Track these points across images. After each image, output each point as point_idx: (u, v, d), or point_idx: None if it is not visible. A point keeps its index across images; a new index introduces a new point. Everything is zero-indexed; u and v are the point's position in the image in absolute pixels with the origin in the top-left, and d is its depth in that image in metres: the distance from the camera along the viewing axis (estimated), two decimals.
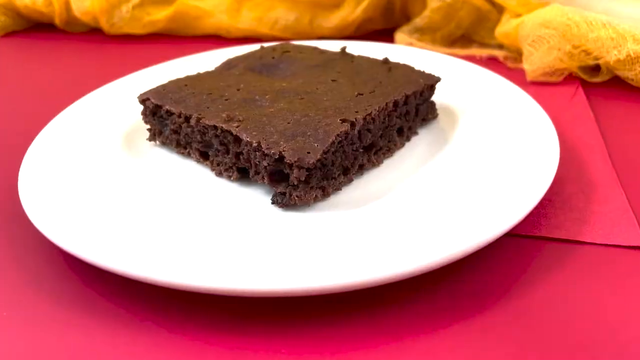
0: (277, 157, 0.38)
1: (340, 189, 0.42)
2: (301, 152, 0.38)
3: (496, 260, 0.36)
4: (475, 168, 0.42)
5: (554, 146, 0.42)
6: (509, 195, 0.37)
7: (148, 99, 0.48)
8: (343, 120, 0.40)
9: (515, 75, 0.64)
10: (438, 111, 0.51)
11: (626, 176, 0.45)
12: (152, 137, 0.49)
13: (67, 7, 0.84)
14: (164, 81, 0.50)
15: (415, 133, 0.49)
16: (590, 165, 0.46)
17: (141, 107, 0.49)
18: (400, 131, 0.48)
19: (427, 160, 0.45)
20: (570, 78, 0.62)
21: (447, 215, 0.36)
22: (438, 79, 0.50)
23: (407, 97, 0.46)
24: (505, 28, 0.67)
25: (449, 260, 0.32)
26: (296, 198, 0.39)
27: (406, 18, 0.79)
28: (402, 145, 0.48)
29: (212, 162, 0.45)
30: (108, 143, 0.49)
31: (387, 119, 0.45)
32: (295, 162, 0.37)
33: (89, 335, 0.32)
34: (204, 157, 0.46)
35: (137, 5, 0.81)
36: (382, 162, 0.45)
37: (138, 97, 0.48)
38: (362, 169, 0.44)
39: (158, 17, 0.81)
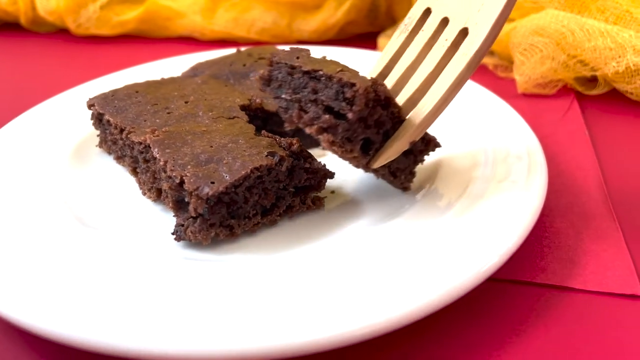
0: (178, 181, 0.33)
1: (255, 232, 0.36)
2: (204, 181, 0.33)
3: (474, 309, 0.32)
4: (448, 203, 0.36)
5: (541, 179, 0.36)
6: (486, 237, 0.32)
7: (93, 104, 0.44)
8: (271, 153, 0.35)
9: (506, 85, 0.59)
10: None
11: (622, 205, 0.40)
12: (100, 144, 0.46)
13: (33, 6, 0.79)
14: None
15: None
16: (583, 194, 0.41)
17: None
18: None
19: (391, 193, 0.39)
20: (565, 90, 0.57)
21: (409, 263, 0.31)
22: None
23: None
24: None
25: (403, 322, 0.27)
26: (190, 234, 0.33)
27: (392, 21, 0.74)
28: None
29: (139, 180, 0.41)
30: (57, 152, 0.45)
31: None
32: (193, 190, 0.32)
33: None
34: (134, 172, 0.42)
35: (104, 5, 0.76)
36: (323, 205, 0.38)
37: (87, 102, 0.45)
38: (291, 211, 0.37)
39: (127, 17, 0.76)
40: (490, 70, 0.63)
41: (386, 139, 0.34)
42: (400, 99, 0.35)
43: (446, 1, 0.35)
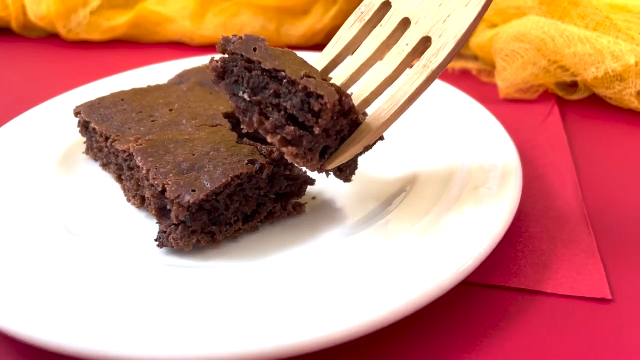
0: (160, 189, 0.34)
1: (236, 238, 0.37)
2: (185, 189, 0.33)
3: (447, 312, 0.33)
4: (425, 208, 0.37)
5: (515, 184, 0.37)
6: (459, 241, 0.33)
7: (79, 112, 0.45)
8: (251, 161, 0.36)
9: (489, 90, 0.60)
10: (394, 134, 0.44)
11: (596, 210, 0.41)
12: (87, 151, 0.47)
13: (24, 11, 0.80)
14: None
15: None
16: (559, 199, 0.42)
17: None
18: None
19: (371, 198, 0.40)
20: (546, 95, 0.58)
21: (386, 267, 0.32)
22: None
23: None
24: (479, 39, 0.63)
25: (377, 325, 0.28)
26: (172, 240, 0.34)
27: None
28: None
29: (124, 187, 0.42)
30: (44, 157, 0.45)
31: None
32: (175, 198, 0.33)
33: None
34: (119, 179, 0.42)
35: (95, 11, 0.77)
36: (303, 211, 0.39)
37: (73, 109, 0.46)
38: (272, 217, 0.38)
39: (117, 22, 0.77)
40: (473, 75, 0.64)
41: (341, 142, 0.34)
42: (354, 98, 0.34)
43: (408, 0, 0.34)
